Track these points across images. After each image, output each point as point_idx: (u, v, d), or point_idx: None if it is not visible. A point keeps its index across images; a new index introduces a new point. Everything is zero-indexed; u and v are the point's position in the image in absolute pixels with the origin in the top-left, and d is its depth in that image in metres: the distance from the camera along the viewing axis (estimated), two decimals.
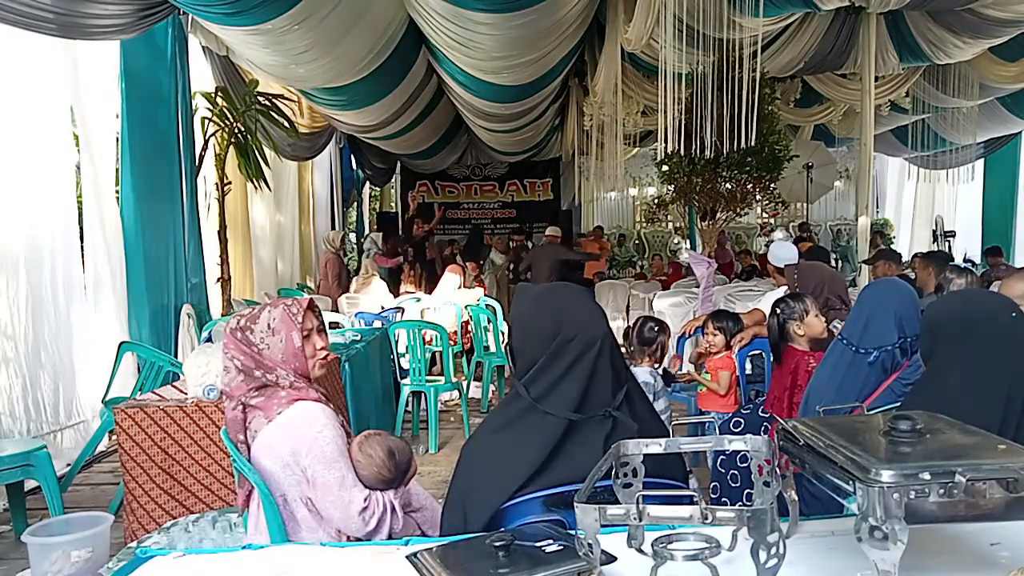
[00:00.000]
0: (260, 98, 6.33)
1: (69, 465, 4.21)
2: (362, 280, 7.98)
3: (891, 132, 10.84)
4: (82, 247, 4.97)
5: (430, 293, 7.40)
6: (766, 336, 3.63)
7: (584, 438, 1.44)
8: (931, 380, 1.77)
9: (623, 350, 3.73)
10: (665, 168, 6.76)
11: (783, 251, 4.90)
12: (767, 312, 3.56)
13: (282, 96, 6.77)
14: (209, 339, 4.68)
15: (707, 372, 3.94)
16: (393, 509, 1.91)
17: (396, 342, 5.45)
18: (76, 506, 3.80)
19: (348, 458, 1.92)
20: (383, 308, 6.56)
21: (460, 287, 7.04)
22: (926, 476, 0.96)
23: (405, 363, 5.21)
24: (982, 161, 11.33)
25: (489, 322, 6.29)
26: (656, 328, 3.56)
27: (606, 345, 1.49)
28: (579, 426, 1.45)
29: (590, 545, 1.02)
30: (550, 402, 1.45)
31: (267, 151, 6.52)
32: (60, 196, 4.72)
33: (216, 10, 4.59)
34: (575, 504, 1.01)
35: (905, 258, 11.62)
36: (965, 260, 7.96)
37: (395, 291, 8.34)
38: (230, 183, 6.45)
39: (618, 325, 7.33)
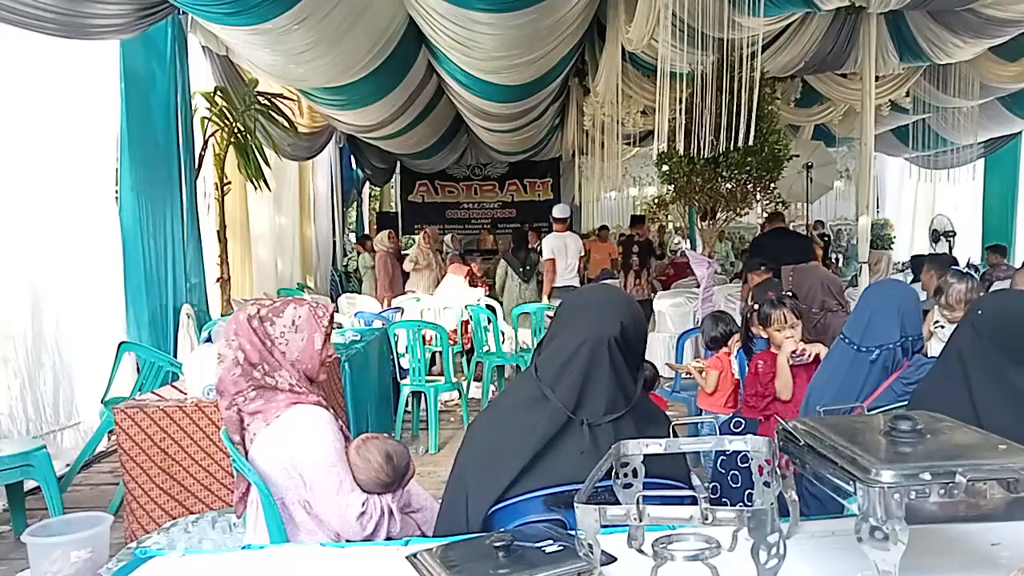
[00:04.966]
0: (260, 98, 6.32)
1: (69, 465, 4.20)
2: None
3: (891, 132, 10.82)
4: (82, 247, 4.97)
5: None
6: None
7: (568, 441, 1.45)
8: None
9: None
10: (665, 168, 6.75)
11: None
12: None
13: (282, 96, 6.77)
14: (209, 339, 4.67)
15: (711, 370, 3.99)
16: (391, 513, 1.89)
17: (396, 342, 5.44)
18: (76, 506, 3.79)
19: (346, 462, 1.91)
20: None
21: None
22: (926, 476, 0.96)
23: (405, 363, 5.20)
24: (982, 161, 11.33)
25: (489, 322, 6.28)
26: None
27: (602, 350, 1.49)
28: (570, 426, 1.46)
29: (590, 545, 1.02)
30: (555, 388, 1.48)
31: (267, 151, 6.52)
32: (60, 196, 4.72)
33: (216, 10, 4.59)
34: (575, 504, 1.01)
35: (904, 258, 11.65)
36: (968, 265, 7.94)
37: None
38: (230, 183, 6.44)
39: None
